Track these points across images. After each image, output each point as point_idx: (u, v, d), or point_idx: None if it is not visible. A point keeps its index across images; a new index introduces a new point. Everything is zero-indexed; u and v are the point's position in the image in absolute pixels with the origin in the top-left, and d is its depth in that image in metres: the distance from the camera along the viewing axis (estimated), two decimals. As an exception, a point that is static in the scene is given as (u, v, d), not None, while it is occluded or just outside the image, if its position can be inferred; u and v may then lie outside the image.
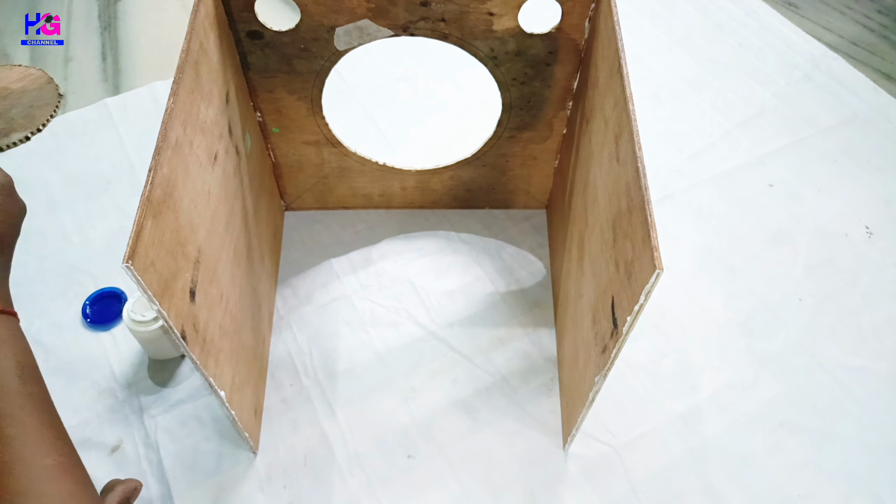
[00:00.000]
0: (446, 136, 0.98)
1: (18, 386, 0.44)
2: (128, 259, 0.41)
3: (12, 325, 0.46)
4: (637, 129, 0.50)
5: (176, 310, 0.48)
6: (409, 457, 0.70)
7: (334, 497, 0.67)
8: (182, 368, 0.75)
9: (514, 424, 0.73)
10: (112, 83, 1.07)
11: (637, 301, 0.45)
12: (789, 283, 0.85)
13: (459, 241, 0.88)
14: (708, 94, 1.07)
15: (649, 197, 0.46)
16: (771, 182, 0.96)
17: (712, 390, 0.76)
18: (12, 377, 0.44)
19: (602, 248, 0.57)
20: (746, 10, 1.20)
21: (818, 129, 1.02)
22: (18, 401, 0.43)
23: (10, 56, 1.11)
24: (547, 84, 0.72)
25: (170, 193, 0.48)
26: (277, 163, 0.83)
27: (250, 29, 0.66)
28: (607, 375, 0.53)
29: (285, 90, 0.73)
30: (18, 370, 0.44)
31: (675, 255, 0.87)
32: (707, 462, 0.71)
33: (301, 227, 0.89)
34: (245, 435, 0.65)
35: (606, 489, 0.68)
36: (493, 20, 0.65)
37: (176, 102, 0.50)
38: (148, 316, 0.70)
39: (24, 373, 0.45)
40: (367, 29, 0.66)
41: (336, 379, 0.75)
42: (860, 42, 1.19)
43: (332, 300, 0.82)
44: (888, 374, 0.78)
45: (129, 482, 0.60)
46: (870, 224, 0.91)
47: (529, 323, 0.80)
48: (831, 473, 0.70)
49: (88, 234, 0.87)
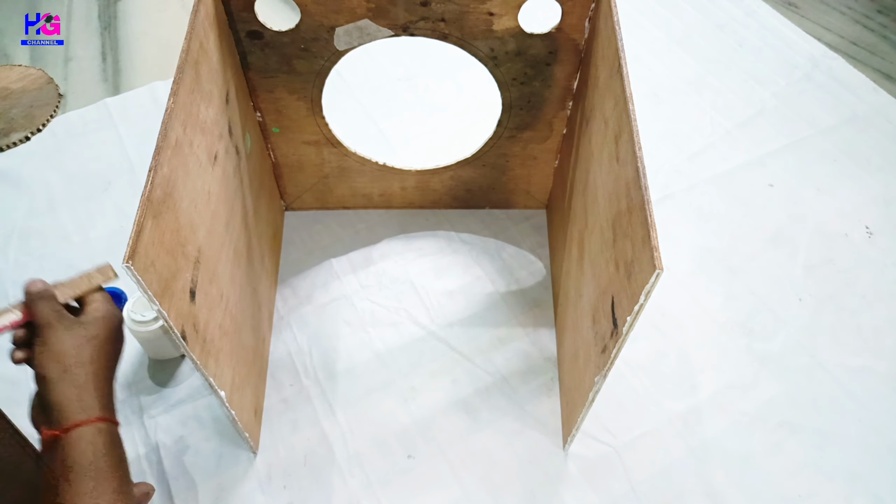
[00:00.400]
0: (446, 136, 0.98)
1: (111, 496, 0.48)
2: (128, 259, 0.41)
3: (110, 437, 0.49)
4: (637, 129, 0.50)
5: (176, 310, 0.48)
6: (409, 457, 0.70)
7: (334, 497, 0.67)
8: (182, 368, 0.75)
9: (514, 424, 0.73)
10: (112, 83, 1.07)
11: (637, 301, 0.45)
12: (789, 283, 0.85)
13: (459, 241, 0.88)
14: (708, 94, 1.07)
15: (649, 197, 0.46)
16: (771, 182, 0.96)
17: (712, 390, 0.76)
18: (109, 482, 0.48)
19: (602, 248, 0.57)
20: (746, 10, 1.20)
21: (818, 129, 1.02)
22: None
23: (10, 56, 1.11)
24: (547, 84, 0.72)
25: (170, 193, 0.48)
26: (277, 163, 0.83)
27: (250, 29, 0.66)
28: (607, 375, 0.53)
29: (285, 90, 0.73)
30: (117, 479, 0.48)
31: (675, 255, 0.87)
32: (707, 462, 0.71)
33: (301, 227, 0.89)
34: (245, 435, 0.65)
35: (606, 489, 0.68)
36: (493, 20, 0.65)
37: (176, 102, 0.50)
38: (148, 316, 0.70)
39: (121, 484, 0.49)
40: (367, 29, 0.66)
41: (336, 379, 0.75)
42: (860, 42, 1.19)
43: (332, 300, 0.82)
44: (888, 374, 0.78)
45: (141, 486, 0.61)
46: (870, 224, 0.91)
47: (529, 323, 0.80)
48: (831, 473, 0.70)
49: (88, 234, 0.87)
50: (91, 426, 0.47)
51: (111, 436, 0.49)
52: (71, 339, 0.49)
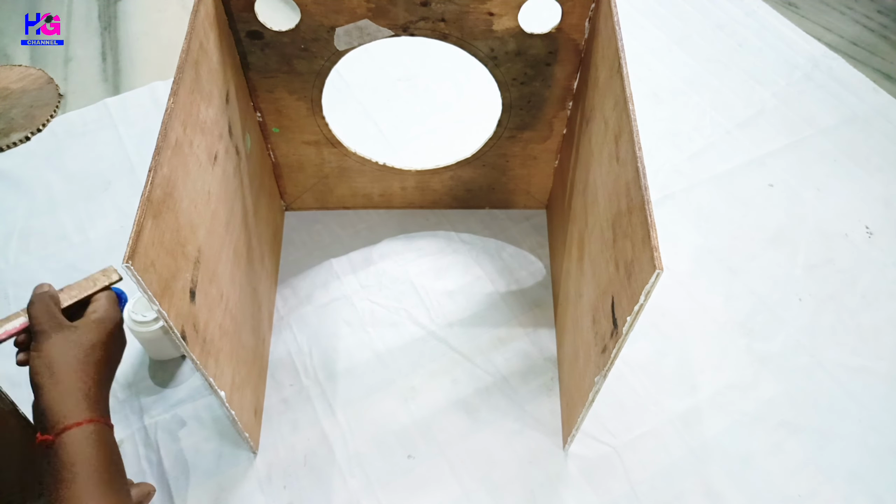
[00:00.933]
0: (446, 136, 0.98)
1: (103, 495, 0.48)
2: (128, 259, 0.41)
3: (102, 437, 0.50)
4: (637, 129, 0.50)
5: (176, 310, 0.48)
6: (409, 457, 0.70)
7: (334, 497, 0.67)
8: (182, 369, 0.75)
9: (514, 424, 0.73)
10: (112, 83, 1.07)
11: (637, 301, 0.45)
12: (789, 283, 0.85)
13: (459, 241, 0.88)
14: (708, 94, 1.07)
15: (649, 197, 0.46)
16: (771, 182, 0.96)
17: (712, 390, 0.76)
18: (99, 484, 0.48)
19: (602, 248, 0.57)
20: (746, 10, 1.20)
21: (818, 129, 1.02)
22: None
23: (10, 56, 1.11)
24: (547, 84, 0.72)
25: (170, 193, 0.48)
26: (277, 163, 0.83)
27: (250, 29, 0.66)
28: (607, 375, 0.53)
29: (285, 90, 0.73)
30: (106, 481, 0.49)
31: (675, 255, 0.87)
32: (707, 462, 0.71)
33: (301, 227, 0.89)
34: (245, 435, 0.65)
35: (606, 489, 0.68)
36: (493, 20, 0.65)
37: (176, 102, 0.50)
38: (148, 316, 0.70)
39: (111, 484, 0.49)
40: (367, 29, 0.66)
41: (336, 379, 0.75)
42: (860, 42, 1.19)
43: (332, 300, 0.82)
44: (888, 374, 0.78)
45: (142, 486, 0.61)
46: (870, 224, 0.91)
47: (529, 323, 0.80)
48: (831, 473, 0.70)
49: (88, 234, 0.87)
50: (79, 429, 0.48)
51: (101, 436, 0.49)
52: (61, 344, 0.50)
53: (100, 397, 0.51)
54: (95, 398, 0.50)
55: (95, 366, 0.51)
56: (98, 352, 0.51)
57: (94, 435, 0.49)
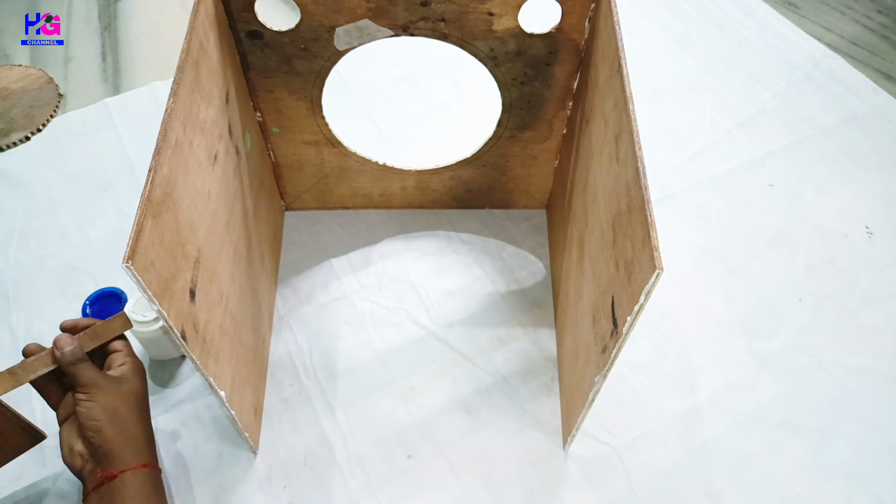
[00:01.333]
0: (446, 136, 0.98)
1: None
2: (128, 259, 0.41)
3: (156, 480, 0.58)
4: (637, 129, 0.50)
5: (176, 310, 0.48)
6: (409, 457, 0.70)
7: (334, 497, 0.67)
8: (182, 369, 0.75)
9: (514, 424, 0.73)
10: (112, 83, 1.07)
11: (637, 301, 0.45)
12: (789, 283, 0.85)
13: (459, 241, 0.88)
14: (708, 94, 1.07)
15: (649, 197, 0.46)
16: (771, 182, 0.96)
17: (712, 390, 0.76)
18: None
19: (602, 248, 0.57)
20: (746, 10, 1.20)
21: (818, 129, 1.02)
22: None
23: (10, 56, 1.11)
24: (547, 84, 0.72)
25: (170, 193, 0.48)
26: (277, 163, 0.83)
27: (250, 29, 0.66)
28: (607, 375, 0.53)
29: (285, 90, 0.73)
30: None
31: (675, 255, 0.87)
32: (707, 462, 0.71)
33: (301, 227, 0.89)
34: (245, 435, 0.65)
35: (606, 489, 0.68)
36: (493, 20, 0.65)
37: (176, 102, 0.50)
38: (148, 316, 0.70)
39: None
40: (367, 29, 0.66)
41: (336, 379, 0.75)
42: (860, 42, 1.19)
43: (332, 300, 0.82)
44: (888, 374, 0.78)
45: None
46: (870, 224, 0.91)
47: (529, 323, 0.80)
48: (831, 473, 0.70)
49: (88, 234, 0.87)
50: (138, 471, 0.56)
51: (155, 479, 0.58)
52: (117, 395, 0.57)
53: (153, 444, 0.60)
54: (152, 445, 0.59)
55: (145, 411, 0.60)
56: (145, 398, 0.60)
57: (150, 478, 0.57)
